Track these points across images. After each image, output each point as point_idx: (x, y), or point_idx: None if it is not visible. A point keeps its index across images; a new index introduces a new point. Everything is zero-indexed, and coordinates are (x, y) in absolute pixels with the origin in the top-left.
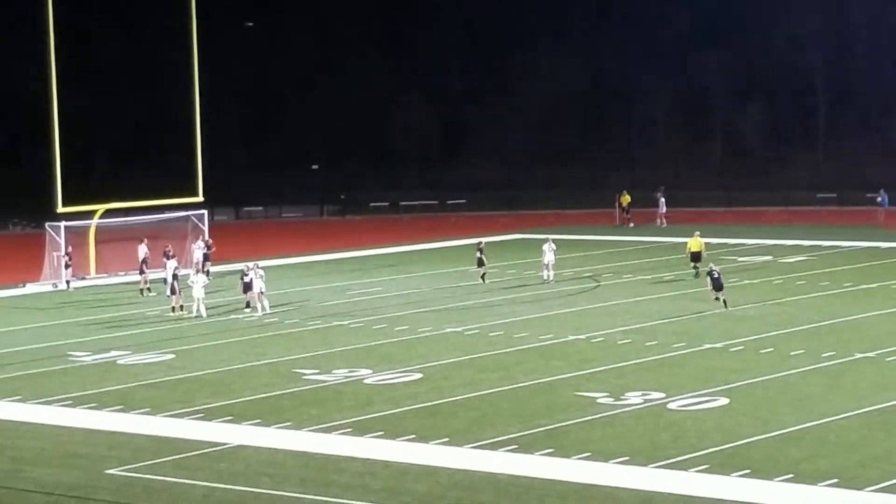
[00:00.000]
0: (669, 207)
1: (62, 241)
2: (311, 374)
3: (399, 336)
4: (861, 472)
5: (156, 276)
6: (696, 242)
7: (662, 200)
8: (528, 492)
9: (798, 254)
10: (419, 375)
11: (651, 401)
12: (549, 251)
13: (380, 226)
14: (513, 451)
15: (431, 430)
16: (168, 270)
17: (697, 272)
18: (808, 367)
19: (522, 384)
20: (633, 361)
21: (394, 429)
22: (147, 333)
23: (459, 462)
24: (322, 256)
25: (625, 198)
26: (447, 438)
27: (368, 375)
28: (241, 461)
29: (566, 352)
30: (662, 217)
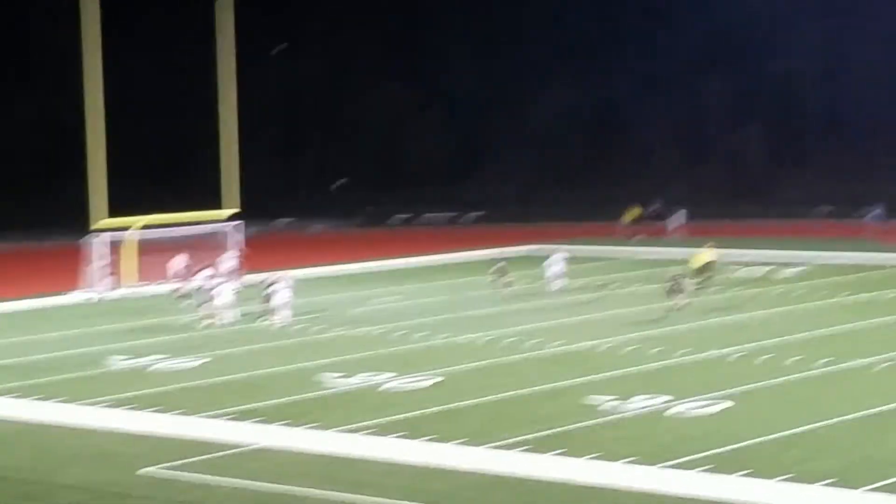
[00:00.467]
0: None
1: (103, 252)
2: (336, 378)
3: (419, 342)
4: (858, 472)
5: (192, 286)
6: (705, 255)
7: (682, 213)
8: (541, 490)
9: (796, 265)
10: (439, 379)
11: (657, 404)
12: (559, 262)
13: (399, 238)
14: (526, 452)
15: (450, 432)
16: (200, 280)
17: (703, 284)
18: (807, 373)
19: (535, 389)
20: (640, 367)
21: (415, 430)
22: (182, 339)
23: (477, 462)
24: (346, 267)
25: (633, 212)
26: (465, 439)
27: (390, 379)
28: (269, 460)
29: (576, 358)
30: (677, 230)
